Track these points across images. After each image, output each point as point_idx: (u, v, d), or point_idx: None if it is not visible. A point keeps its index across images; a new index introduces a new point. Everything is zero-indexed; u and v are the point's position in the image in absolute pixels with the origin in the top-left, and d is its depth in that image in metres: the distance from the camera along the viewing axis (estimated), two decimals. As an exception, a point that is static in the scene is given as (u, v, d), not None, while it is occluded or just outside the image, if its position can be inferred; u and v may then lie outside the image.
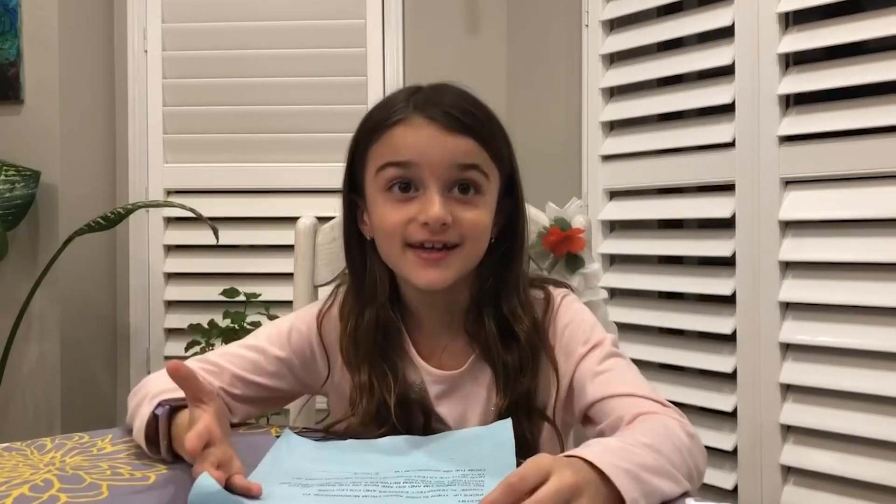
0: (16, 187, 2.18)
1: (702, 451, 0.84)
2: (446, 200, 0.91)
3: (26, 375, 2.28)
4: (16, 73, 2.26)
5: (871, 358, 1.51)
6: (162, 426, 0.86)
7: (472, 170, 0.92)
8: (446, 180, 0.91)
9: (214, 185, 2.40)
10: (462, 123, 0.91)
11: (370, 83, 2.31)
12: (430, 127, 0.91)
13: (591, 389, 0.92)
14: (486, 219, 0.94)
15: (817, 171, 1.60)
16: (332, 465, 0.85)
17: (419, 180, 0.91)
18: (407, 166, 0.91)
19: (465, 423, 0.98)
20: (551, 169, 2.12)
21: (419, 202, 0.91)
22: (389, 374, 0.97)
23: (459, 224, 0.91)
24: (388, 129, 0.92)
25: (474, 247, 0.94)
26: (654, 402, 0.87)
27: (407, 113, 0.92)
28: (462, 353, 1.00)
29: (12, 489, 0.77)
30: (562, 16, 2.13)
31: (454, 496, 0.76)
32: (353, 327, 0.99)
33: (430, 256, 0.92)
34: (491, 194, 0.95)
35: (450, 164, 0.90)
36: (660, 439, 0.78)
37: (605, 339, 0.96)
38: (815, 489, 1.58)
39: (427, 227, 0.90)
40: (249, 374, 1.00)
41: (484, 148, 0.92)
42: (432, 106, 0.92)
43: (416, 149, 0.90)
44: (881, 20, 1.51)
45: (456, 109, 0.91)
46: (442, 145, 0.90)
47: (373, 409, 0.96)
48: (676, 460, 0.77)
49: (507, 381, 0.96)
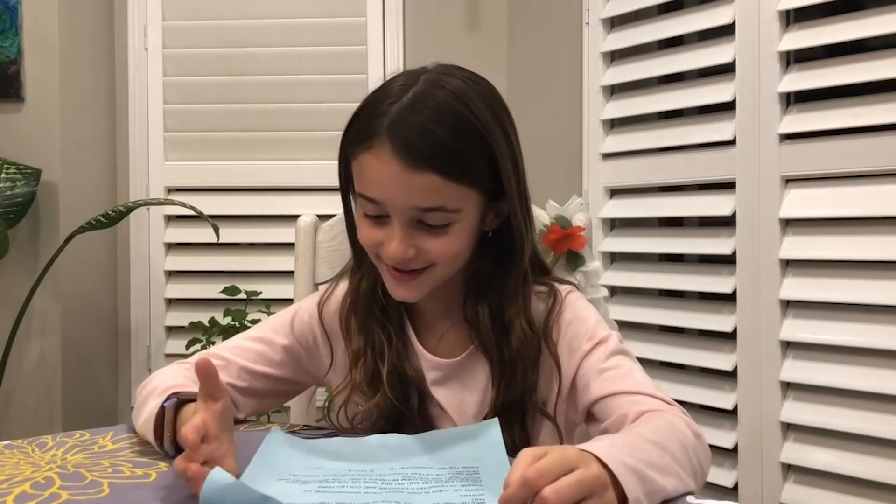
0: (16, 185, 2.18)
1: (706, 451, 0.83)
2: (411, 233, 0.90)
3: (27, 373, 2.28)
4: (16, 71, 2.26)
5: (872, 356, 1.51)
6: (168, 418, 0.86)
7: (434, 211, 0.89)
8: (409, 218, 0.90)
9: (215, 183, 2.41)
10: (423, 158, 0.86)
11: (371, 81, 2.30)
12: (394, 163, 0.86)
13: (596, 386, 0.91)
14: (456, 243, 0.92)
15: (818, 169, 1.60)
16: (323, 462, 0.85)
17: (386, 212, 0.90)
18: (374, 201, 0.90)
19: (463, 411, 0.98)
20: (552, 167, 2.12)
21: (386, 231, 0.91)
22: (385, 343, 0.98)
23: (425, 252, 0.91)
24: (362, 153, 0.90)
25: (446, 266, 0.93)
26: (658, 399, 0.87)
27: (378, 134, 0.88)
28: (461, 343, 1.00)
29: (13, 487, 0.77)
30: (562, 13, 2.13)
31: (454, 490, 0.76)
32: (352, 297, 1.01)
33: (399, 277, 0.93)
34: (466, 217, 0.92)
35: (410, 206, 0.89)
36: (666, 437, 0.78)
37: (610, 335, 0.96)
38: (816, 487, 1.58)
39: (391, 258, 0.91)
40: (256, 364, 1.02)
41: (451, 180, 0.88)
42: (400, 132, 0.87)
43: (380, 188, 0.89)
44: (882, 18, 1.51)
45: (421, 138, 0.86)
46: (403, 187, 0.87)
47: (366, 379, 0.97)
48: (682, 458, 0.77)
49: (503, 375, 0.96)
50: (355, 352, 0.99)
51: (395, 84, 0.91)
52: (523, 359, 0.95)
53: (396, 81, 0.92)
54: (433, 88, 0.89)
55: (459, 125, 0.88)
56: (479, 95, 0.91)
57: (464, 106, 0.89)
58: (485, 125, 0.90)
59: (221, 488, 0.66)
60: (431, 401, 0.99)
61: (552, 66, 2.17)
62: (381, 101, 0.90)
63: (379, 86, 0.94)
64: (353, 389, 0.99)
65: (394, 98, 0.89)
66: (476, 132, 0.89)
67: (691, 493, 0.76)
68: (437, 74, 0.92)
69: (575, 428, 1.02)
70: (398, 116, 0.88)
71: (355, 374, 0.99)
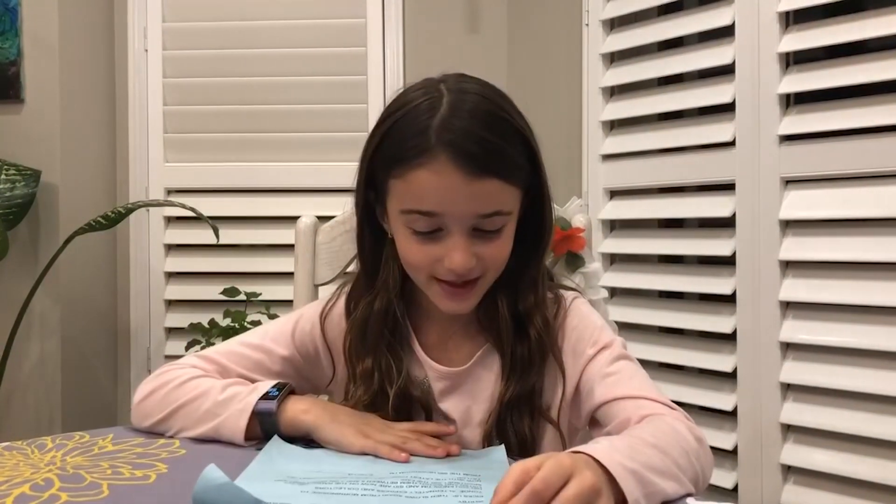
0: (16, 186, 2.18)
1: (708, 455, 0.84)
2: (471, 242, 0.90)
3: (27, 375, 2.28)
4: (16, 72, 2.26)
5: (871, 357, 1.51)
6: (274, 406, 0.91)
7: (493, 216, 0.90)
8: (469, 227, 0.90)
9: (215, 185, 2.41)
10: (485, 165, 0.87)
11: (370, 82, 2.31)
12: (455, 174, 0.86)
13: (599, 391, 0.91)
14: (509, 244, 0.93)
15: (817, 170, 1.60)
16: (324, 465, 0.85)
17: (443, 225, 0.90)
18: (431, 215, 0.89)
19: (469, 419, 0.98)
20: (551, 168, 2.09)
21: (444, 244, 0.90)
22: (394, 367, 0.98)
23: (483, 260, 0.91)
24: (412, 170, 0.88)
25: (497, 272, 0.94)
26: (661, 404, 0.87)
27: (429, 148, 0.86)
28: (470, 346, 1.00)
29: (13, 488, 0.77)
30: (562, 15, 2.13)
31: (454, 497, 0.75)
32: (362, 317, 0.99)
33: (456, 291, 0.92)
34: (513, 217, 0.93)
35: (473, 214, 0.89)
36: (667, 440, 0.78)
37: (614, 341, 0.96)
38: (815, 488, 1.58)
39: (453, 271, 0.90)
40: (254, 374, 1.01)
41: (507, 182, 0.89)
42: (454, 142, 0.86)
43: (438, 200, 0.88)
44: (881, 19, 1.51)
45: (479, 145, 0.86)
46: (466, 196, 0.87)
47: (368, 399, 0.97)
48: (683, 463, 0.77)
49: (513, 371, 0.96)
50: (362, 372, 0.98)
51: (418, 99, 0.90)
52: (540, 350, 0.95)
53: (416, 97, 0.90)
54: (462, 96, 0.89)
55: (502, 127, 0.90)
56: (500, 96, 0.93)
57: (497, 107, 0.91)
58: (519, 123, 0.92)
59: (215, 487, 0.66)
60: (438, 414, 0.99)
61: (552, 68, 2.17)
62: (415, 117, 0.89)
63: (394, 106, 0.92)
64: (356, 405, 0.98)
65: (429, 112, 0.88)
66: (516, 131, 0.91)
67: (691, 494, 0.77)
68: (455, 82, 0.92)
69: (577, 434, 1.02)
70: (446, 127, 0.87)
71: (359, 392, 0.98)
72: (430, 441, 0.91)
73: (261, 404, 0.92)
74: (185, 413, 0.95)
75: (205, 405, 0.94)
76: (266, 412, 0.91)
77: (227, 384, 0.96)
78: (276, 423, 0.92)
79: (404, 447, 0.88)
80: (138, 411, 0.99)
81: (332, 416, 0.92)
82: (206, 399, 0.94)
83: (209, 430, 0.93)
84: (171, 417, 0.95)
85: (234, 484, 0.66)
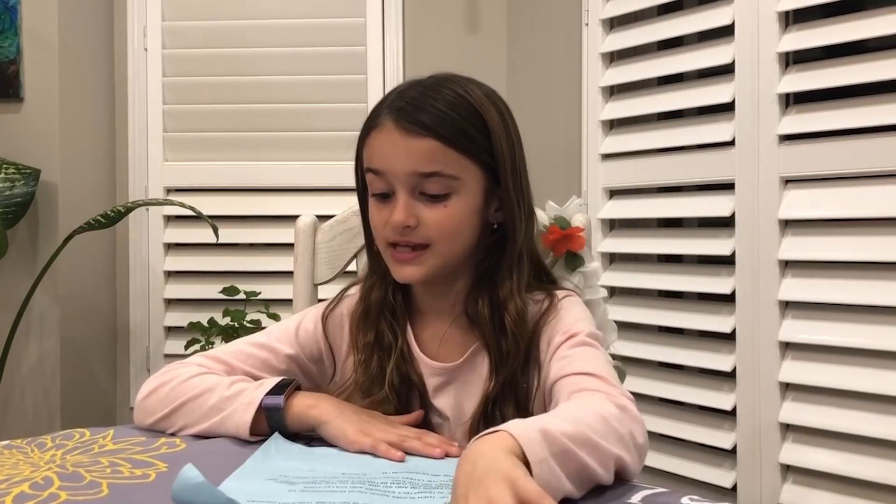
0: (16, 185, 2.18)
1: (636, 419, 0.82)
2: (413, 203, 0.94)
3: (26, 374, 2.28)
4: (15, 71, 2.26)
5: (871, 357, 1.51)
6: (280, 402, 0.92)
7: (433, 177, 0.93)
8: (412, 185, 0.94)
9: (214, 184, 2.41)
10: (421, 124, 0.92)
11: (370, 81, 2.31)
12: (394, 132, 0.93)
13: (552, 372, 0.92)
14: (457, 216, 0.95)
15: (817, 170, 1.60)
16: (320, 464, 0.85)
17: (391, 185, 0.95)
18: (379, 173, 0.95)
19: (461, 414, 0.99)
20: (551, 167, 2.12)
21: (391, 206, 0.95)
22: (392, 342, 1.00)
23: (425, 226, 0.94)
24: (368, 135, 0.96)
25: (448, 244, 0.96)
26: (601, 380, 0.87)
27: (382, 114, 0.95)
28: (462, 342, 1.01)
29: (12, 487, 0.77)
30: (562, 14, 2.13)
31: (441, 499, 0.75)
32: (367, 295, 1.04)
33: (401, 256, 0.96)
34: (465, 189, 0.95)
35: (410, 171, 0.93)
36: (579, 412, 0.79)
37: (583, 331, 0.96)
38: (815, 488, 1.58)
39: (392, 227, 0.94)
40: (260, 372, 1.02)
41: (449, 146, 0.93)
42: (399, 106, 0.94)
43: (381, 156, 0.95)
44: (881, 19, 1.51)
45: (419, 107, 0.93)
46: (402, 152, 0.93)
47: (368, 377, 0.99)
48: (599, 428, 0.76)
49: (499, 366, 0.97)
50: (363, 347, 1.01)
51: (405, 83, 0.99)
52: (516, 342, 0.96)
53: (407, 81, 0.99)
54: (431, 79, 0.97)
55: (455, 100, 0.95)
56: (477, 85, 0.99)
57: (459, 87, 0.96)
58: (478, 101, 0.95)
59: (191, 487, 0.66)
60: (432, 410, 1.00)
61: (551, 67, 2.17)
62: (388, 96, 0.98)
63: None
64: (355, 390, 0.99)
65: (396, 90, 0.97)
66: (470, 106, 0.95)
67: (624, 463, 0.77)
68: (438, 74, 0.98)
69: None
70: (398, 96, 0.95)
71: (358, 375, 1.00)
72: (430, 440, 0.91)
73: (268, 399, 0.92)
74: (190, 408, 0.95)
75: (211, 400, 0.94)
76: (273, 407, 0.92)
77: (233, 380, 0.96)
78: (283, 417, 0.92)
79: (402, 446, 0.88)
80: (142, 408, 0.99)
81: (338, 412, 0.93)
82: (212, 394, 0.94)
83: (214, 425, 0.93)
84: (175, 413, 0.96)
85: (210, 484, 0.66)
